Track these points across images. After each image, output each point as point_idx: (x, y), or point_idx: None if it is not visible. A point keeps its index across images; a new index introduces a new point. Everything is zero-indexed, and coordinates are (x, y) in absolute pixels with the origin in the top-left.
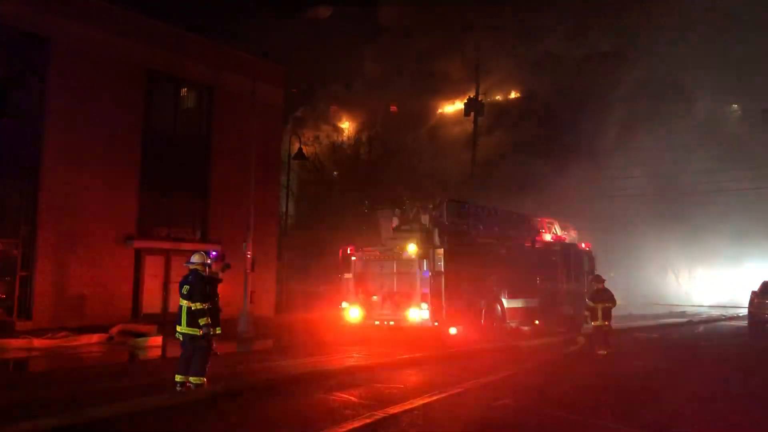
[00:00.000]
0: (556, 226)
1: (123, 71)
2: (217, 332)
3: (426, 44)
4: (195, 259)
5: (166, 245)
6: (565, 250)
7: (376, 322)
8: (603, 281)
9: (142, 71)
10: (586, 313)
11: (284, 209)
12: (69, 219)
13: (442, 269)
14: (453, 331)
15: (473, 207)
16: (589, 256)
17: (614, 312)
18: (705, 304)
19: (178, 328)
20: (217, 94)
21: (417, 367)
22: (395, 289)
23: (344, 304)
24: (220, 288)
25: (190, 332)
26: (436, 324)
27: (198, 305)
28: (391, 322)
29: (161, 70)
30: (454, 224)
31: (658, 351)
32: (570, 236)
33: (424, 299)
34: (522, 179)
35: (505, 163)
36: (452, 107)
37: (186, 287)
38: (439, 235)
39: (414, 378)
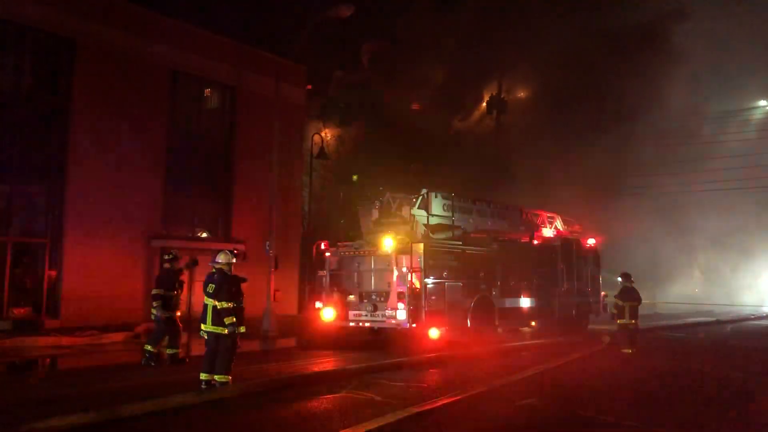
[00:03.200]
0: (558, 221)
1: (147, 72)
2: (241, 331)
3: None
4: (220, 259)
5: (190, 244)
6: (566, 247)
7: (351, 323)
8: (631, 280)
9: (165, 72)
10: (614, 311)
11: (307, 208)
12: (95, 219)
13: (422, 266)
14: (434, 333)
15: (462, 199)
16: (595, 253)
17: (642, 312)
18: (737, 304)
19: (203, 327)
20: (240, 94)
21: (433, 367)
22: (373, 288)
23: (318, 304)
24: (243, 287)
25: (215, 331)
26: (413, 326)
27: (224, 304)
28: (367, 324)
29: (185, 70)
30: (440, 218)
31: (686, 350)
32: (574, 232)
33: (400, 299)
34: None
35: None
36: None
37: (211, 286)
38: (422, 229)
39: (433, 378)
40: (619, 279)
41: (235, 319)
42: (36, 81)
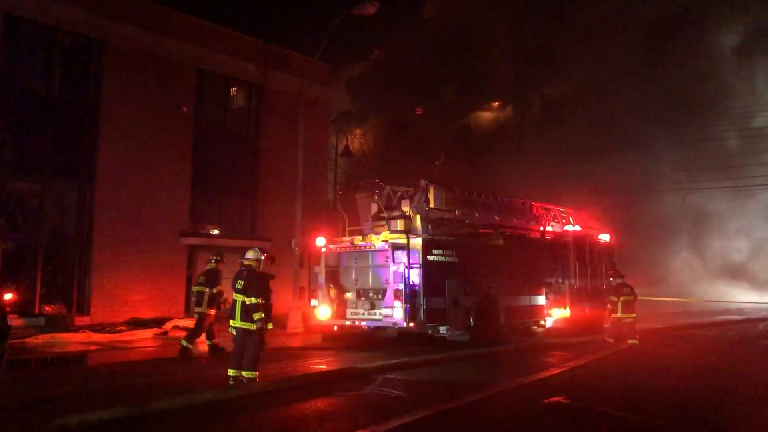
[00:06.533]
0: (571, 216)
1: (174, 71)
2: (269, 327)
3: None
4: (249, 255)
5: (217, 242)
6: (579, 242)
7: (348, 322)
8: (623, 276)
9: (192, 71)
10: (609, 306)
11: (332, 206)
12: (124, 217)
13: (420, 262)
14: (433, 333)
15: (465, 192)
16: (609, 248)
17: (673, 310)
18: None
19: (232, 323)
20: (266, 92)
21: (455, 365)
22: (370, 285)
23: (314, 302)
24: (270, 284)
25: (244, 326)
26: (411, 325)
27: (252, 300)
28: (363, 322)
29: (211, 69)
30: (441, 211)
31: (715, 349)
32: (588, 227)
33: (397, 297)
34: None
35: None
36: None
37: (240, 282)
38: (422, 224)
39: (457, 376)
40: (611, 279)
41: (263, 315)
42: (66, 81)
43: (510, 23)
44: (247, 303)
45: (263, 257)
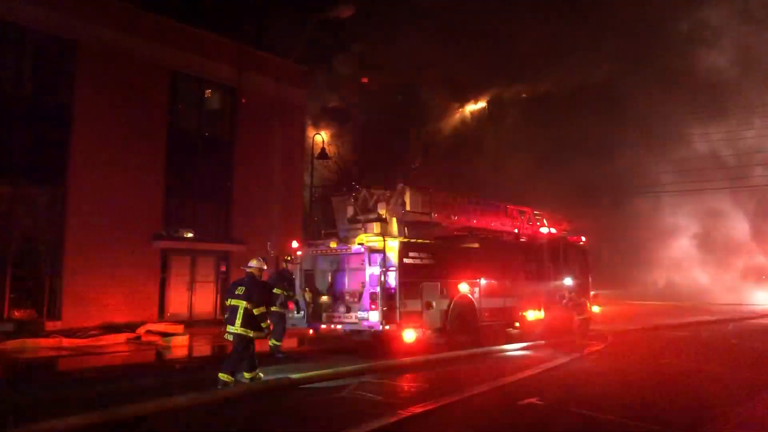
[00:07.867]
0: (545, 218)
1: (148, 73)
2: (261, 336)
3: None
4: (252, 263)
5: (191, 246)
6: (553, 245)
7: (323, 326)
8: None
9: (166, 73)
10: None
11: (308, 209)
12: (96, 220)
13: (396, 264)
14: (409, 336)
15: (442, 195)
16: (583, 250)
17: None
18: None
19: (231, 328)
20: (241, 95)
21: (431, 368)
22: (346, 288)
23: (290, 305)
24: None
25: (242, 332)
26: (386, 328)
27: (262, 309)
28: (339, 326)
29: (185, 71)
30: (417, 214)
31: (686, 348)
32: (562, 229)
33: (373, 300)
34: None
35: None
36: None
37: (241, 288)
38: (398, 227)
39: (433, 379)
40: (568, 282)
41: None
42: (38, 83)
43: (490, 20)
44: (255, 312)
45: (265, 266)
